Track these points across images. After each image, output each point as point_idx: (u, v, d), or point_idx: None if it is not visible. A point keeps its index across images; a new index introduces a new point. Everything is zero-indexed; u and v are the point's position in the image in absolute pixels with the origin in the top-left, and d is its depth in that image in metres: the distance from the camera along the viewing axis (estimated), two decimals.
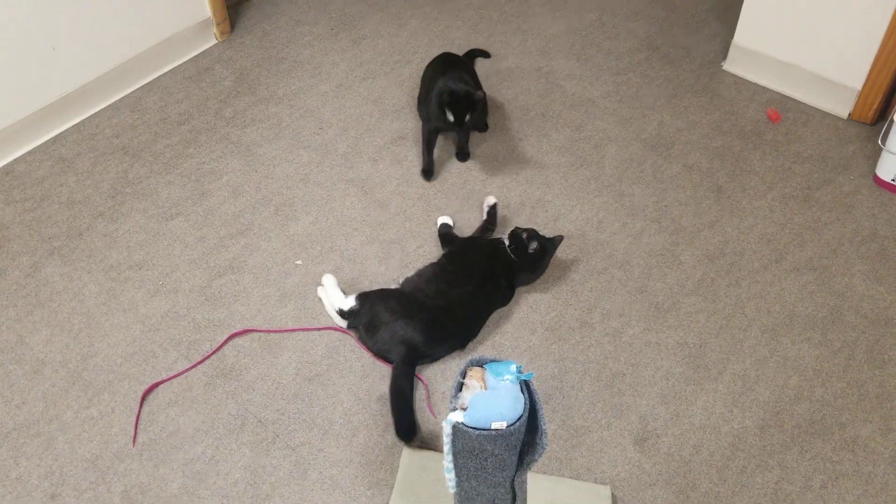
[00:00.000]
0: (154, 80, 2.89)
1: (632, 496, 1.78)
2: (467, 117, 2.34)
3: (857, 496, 1.77)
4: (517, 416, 1.16)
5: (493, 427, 1.14)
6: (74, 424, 1.91)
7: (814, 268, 2.22)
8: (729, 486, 1.79)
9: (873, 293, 2.16)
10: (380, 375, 2.00)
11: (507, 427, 1.15)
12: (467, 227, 2.35)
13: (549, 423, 1.91)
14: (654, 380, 1.98)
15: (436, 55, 2.67)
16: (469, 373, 1.21)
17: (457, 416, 1.16)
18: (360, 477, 1.82)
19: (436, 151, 2.56)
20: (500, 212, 2.38)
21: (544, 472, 1.82)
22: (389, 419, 1.91)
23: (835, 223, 2.34)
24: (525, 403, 1.17)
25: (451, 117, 2.33)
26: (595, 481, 1.80)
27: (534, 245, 2.09)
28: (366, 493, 1.79)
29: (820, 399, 1.94)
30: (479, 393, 1.17)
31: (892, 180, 2.39)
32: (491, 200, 2.34)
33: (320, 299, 2.16)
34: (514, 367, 1.19)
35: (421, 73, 2.69)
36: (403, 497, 1.77)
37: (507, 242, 2.14)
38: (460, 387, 1.20)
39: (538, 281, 2.20)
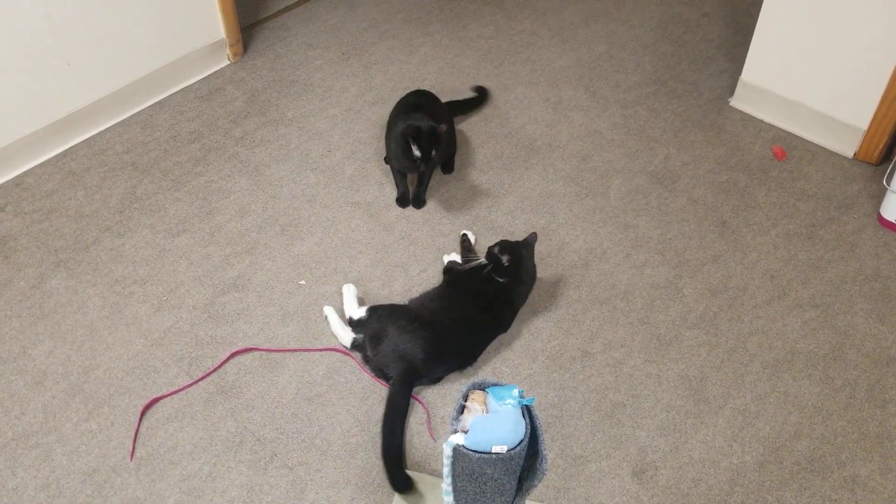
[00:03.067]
0: (166, 98, 2.92)
1: None
2: (433, 152, 2.35)
3: None
4: (518, 441, 1.16)
5: (493, 450, 1.14)
6: (73, 437, 1.91)
7: (816, 305, 2.23)
8: None
9: (875, 332, 2.16)
10: (379, 398, 2.00)
11: (508, 451, 1.15)
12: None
13: (548, 451, 1.90)
14: (654, 412, 1.98)
15: (404, 94, 2.66)
16: (471, 396, 1.22)
17: (457, 439, 1.16)
18: (356, 499, 1.81)
19: (440, 177, 2.58)
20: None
21: (541, 501, 1.81)
22: None
23: (838, 261, 2.35)
24: (526, 428, 1.17)
25: (417, 152, 2.33)
26: None
27: (505, 258, 2.09)
28: None
29: (820, 436, 1.93)
30: (480, 416, 1.17)
31: None
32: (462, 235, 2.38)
33: (325, 317, 2.16)
34: (516, 392, 1.19)
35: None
36: None
37: (486, 263, 2.14)
38: (462, 409, 1.21)
39: (541, 309, 2.20)
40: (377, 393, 2.02)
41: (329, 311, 2.16)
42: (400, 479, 1.79)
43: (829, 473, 1.87)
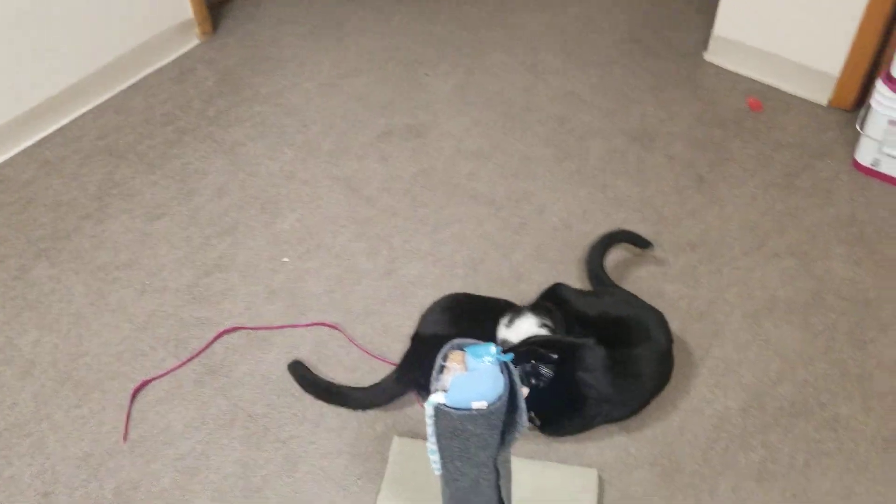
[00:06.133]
0: (137, 81, 2.90)
1: (618, 479, 1.80)
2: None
3: (840, 473, 1.80)
4: (497, 396, 1.18)
5: (473, 407, 1.16)
6: (65, 423, 1.93)
7: (794, 253, 2.25)
8: (713, 466, 1.82)
9: (853, 276, 2.19)
10: (368, 368, 2.02)
11: (488, 406, 1.17)
12: (455, 221, 2.37)
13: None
14: None
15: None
16: (450, 356, 1.23)
17: (438, 398, 1.18)
18: (350, 467, 1.84)
19: (417, 146, 2.58)
20: (484, 208, 2.41)
21: (531, 458, 1.84)
22: (378, 411, 1.93)
23: (815, 209, 2.37)
24: (505, 383, 1.19)
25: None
26: (582, 465, 1.82)
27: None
28: (356, 483, 1.81)
29: (802, 380, 1.96)
30: (459, 375, 1.19)
31: (871, 165, 2.43)
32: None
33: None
34: (493, 349, 1.21)
35: (405, 72, 2.71)
36: (394, 485, 1.78)
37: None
38: (441, 369, 1.23)
39: (524, 273, 2.22)
40: (366, 364, 2.03)
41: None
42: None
43: (812, 415, 1.90)
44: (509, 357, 1.22)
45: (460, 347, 1.25)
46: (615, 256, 2.26)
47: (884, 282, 2.17)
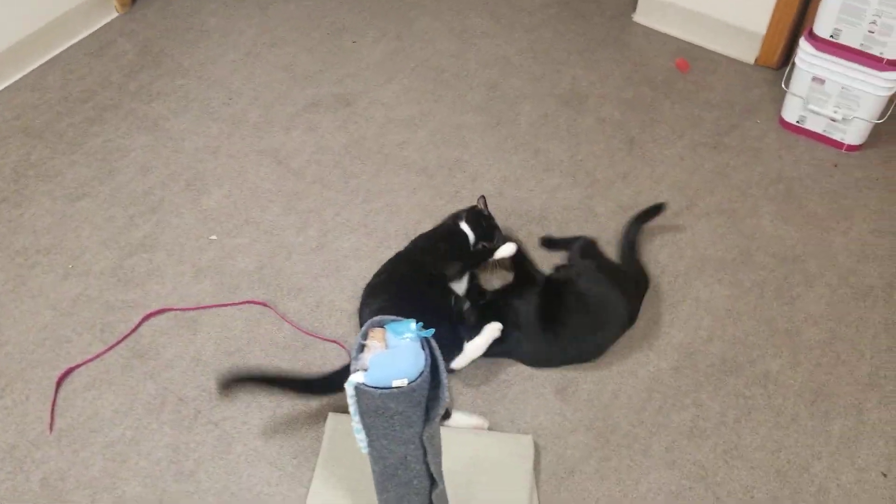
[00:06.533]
0: (54, 57, 2.77)
1: (554, 443, 1.81)
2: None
3: (770, 428, 1.84)
4: (418, 373, 1.16)
5: (394, 385, 1.14)
6: None
7: (723, 211, 2.28)
8: (647, 427, 1.84)
9: (781, 233, 2.22)
10: (301, 346, 1.99)
11: (409, 384, 1.15)
12: (387, 191, 2.34)
13: (472, 379, 1.93)
14: None
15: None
16: (370, 334, 1.21)
17: (358, 377, 1.16)
18: (285, 447, 1.81)
19: (346, 116, 2.53)
20: (417, 176, 2.38)
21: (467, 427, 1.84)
22: None
23: (743, 167, 2.39)
24: (426, 359, 1.18)
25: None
26: (518, 432, 1.83)
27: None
28: (292, 462, 1.79)
29: (731, 337, 1.99)
30: (379, 352, 1.17)
31: (797, 122, 2.46)
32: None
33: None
34: (413, 326, 1.19)
35: (332, 40, 2.64)
36: (329, 463, 1.77)
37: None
38: (361, 348, 1.20)
39: None
40: (298, 341, 2.00)
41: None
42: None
43: (742, 372, 1.93)
44: (430, 332, 1.20)
45: (381, 324, 1.22)
46: (554, 217, 2.25)
47: (810, 237, 2.21)
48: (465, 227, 2.04)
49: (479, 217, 2.06)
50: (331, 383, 1.83)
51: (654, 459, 1.79)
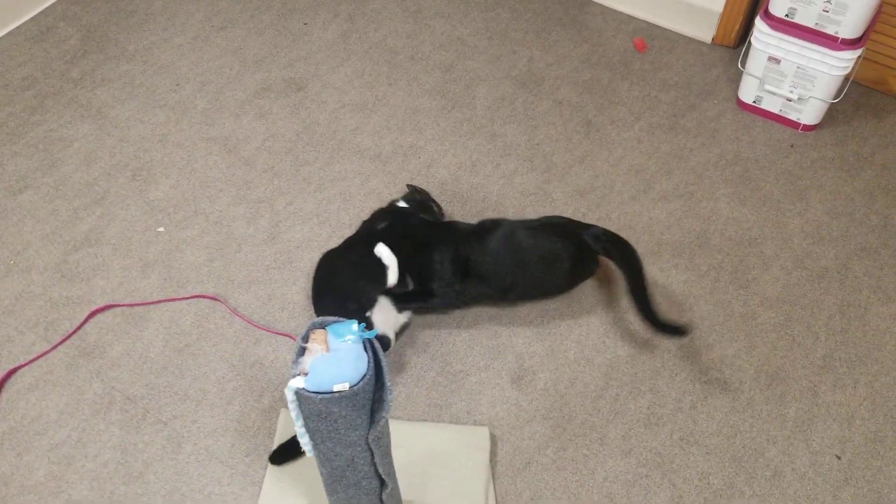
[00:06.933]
0: None
1: (511, 433, 1.79)
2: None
3: (726, 413, 1.83)
4: (360, 376, 1.12)
5: (335, 389, 1.11)
6: None
7: (680, 195, 2.26)
8: (603, 415, 1.83)
9: (737, 215, 2.21)
10: (253, 340, 1.94)
11: (350, 388, 1.11)
12: (341, 179, 2.28)
13: (428, 370, 1.90)
14: (529, 318, 1.99)
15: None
16: (311, 336, 1.17)
17: (297, 382, 1.12)
18: (237, 445, 1.77)
19: (298, 101, 2.47)
20: (371, 163, 2.33)
21: (423, 420, 1.81)
22: (264, 384, 1.86)
23: (700, 149, 2.37)
24: (368, 362, 1.14)
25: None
26: (474, 423, 1.81)
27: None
28: (244, 461, 1.75)
29: (688, 323, 1.98)
30: (319, 356, 1.13)
31: (753, 102, 2.44)
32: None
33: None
34: (355, 327, 1.15)
35: (282, 22, 2.56)
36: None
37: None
38: (302, 351, 1.16)
39: None
40: (250, 336, 1.95)
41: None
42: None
43: (698, 357, 1.93)
44: (373, 334, 1.16)
45: (322, 326, 1.18)
46: (511, 202, 2.22)
47: (766, 219, 2.20)
48: (401, 203, 2.09)
49: (415, 193, 2.14)
50: None
51: (610, 448, 1.78)
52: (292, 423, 1.77)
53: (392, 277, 1.85)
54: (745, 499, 1.71)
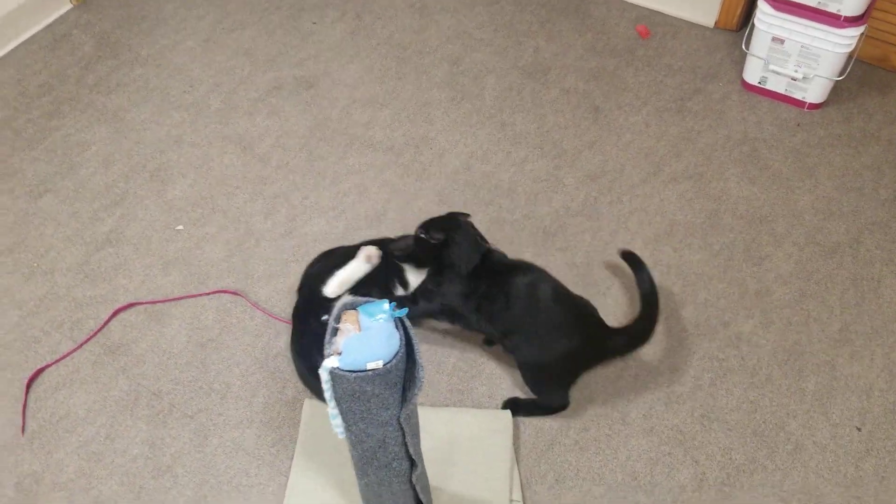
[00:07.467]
0: (7, 53, 2.70)
1: (532, 417, 1.82)
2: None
3: (745, 389, 1.86)
4: (393, 354, 1.15)
5: (368, 367, 1.14)
6: None
7: (690, 176, 2.28)
8: (624, 396, 1.85)
9: (747, 194, 2.23)
10: (274, 333, 1.98)
11: (384, 365, 1.14)
12: (355, 172, 2.31)
13: (448, 356, 1.93)
14: None
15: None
16: (343, 317, 1.20)
17: (332, 362, 1.14)
18: (262, 436, 1.80)
19: (310, 98, 2.50)
20: (384, 155, 2.36)
21: (445, 405, 1.84)
22: (287, 376, 1.89)
23: (707, 131, 2.40)
24: (400, 340, 1.17)
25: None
26: (496, 407, 1.83)
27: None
28: (270, 451, 1.78)
29: (703, 301, 2.01)
30: (352, 336, 1.16)
31: (759, 83, 2.46)
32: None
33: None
34: (387, 306, 1.18)
35: (291, 22, 2.58)
36: (308, 449, 1.76)
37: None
38: (335, 332, 1.19)
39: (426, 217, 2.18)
40: (272, 328, 1.99)
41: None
42: None
43: (715, 334, 1.95)
44: (403, 312, 1.19)
45: (353, 307, 1.21)
46: (522, 189, 2.24)
47: (776, 197, 2.22)
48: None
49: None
50: None
51: (632, 427, 1.80)
52: (315, 413, 1.80)
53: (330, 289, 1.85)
54: (768, 473, 1.73)
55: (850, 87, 2.48)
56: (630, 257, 1.94)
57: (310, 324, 1.85)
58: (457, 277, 1.76)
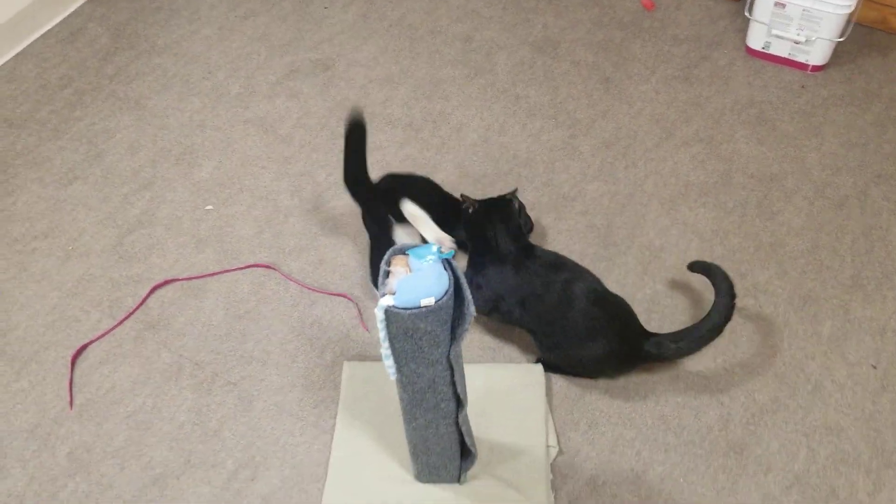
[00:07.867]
0: (26, 48, 2.76)
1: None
2: None
3: (764, 335, 1.93)
4: (443, 291, 1.22)
5: (422, 304, 1.20)
6: (6, 398, 1.89)
7: (701, 139, 2.36)
8: None
9: (757, 154, 2.31)
10: (309, 302, 2.04)
11: (436, 302, 1.21)
12: (376, 148, 2.38)
13: (478, 319, 1.99)
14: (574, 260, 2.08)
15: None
16: (393, 261, 1.27)
17: (387, 301, 1.21)
18: (304, 399, 1.87)
19: (327, 80, 2.57)
20: (403, 131, 2.43)
21: (479, 362, 1.91)
22: (325, 342, 1.96)
23: (715, 96, 2.47)
24: (449, 279, 1.24)
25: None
26: (527, 362, 1.91)
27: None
28: (313, 413, 1.85)
29: (720, 255, 2.08)
30: (404, 277, 1.23)
31: (762, 48, 2.54)
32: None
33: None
34: (434, 248, 1.25)
35: (303, 8, 2.64)
36: (350, 408, 1.83)
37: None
38: (387, 275, 1.26)
39: (448, 189, 2.25)
40: (306, 298, 2.05)
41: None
42: None
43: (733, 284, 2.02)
44: (451, 254, 1.26)
45: (402, 251, 1.28)
46: (540, 158, 2.32)
47: (785, 156, 2.30)
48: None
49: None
50: None
51: (659, 374, 1.88)
52: (355, 374, 1.87)
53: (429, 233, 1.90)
54: (790, 411, 1.81)
55: (851, 49, 2.56)
56: (702, 268, 1.90)
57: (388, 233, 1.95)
58: (501, 266, 1.83)
